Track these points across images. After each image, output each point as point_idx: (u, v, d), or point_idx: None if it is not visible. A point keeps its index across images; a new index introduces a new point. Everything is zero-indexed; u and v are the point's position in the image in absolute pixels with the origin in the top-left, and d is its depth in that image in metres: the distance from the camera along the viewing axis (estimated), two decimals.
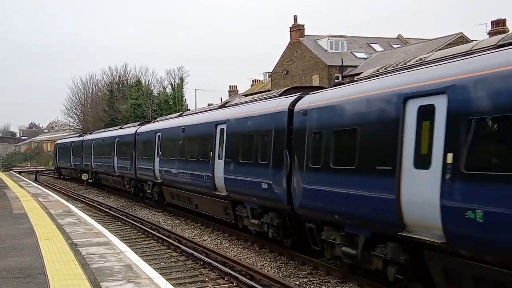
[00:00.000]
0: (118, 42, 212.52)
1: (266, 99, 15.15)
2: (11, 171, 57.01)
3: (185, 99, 61.36)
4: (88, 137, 41.51)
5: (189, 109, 50.85)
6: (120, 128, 34.31)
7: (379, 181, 9.34)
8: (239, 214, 15.86)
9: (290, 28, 46.47)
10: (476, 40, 13.64)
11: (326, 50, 44.29)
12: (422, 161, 8.42)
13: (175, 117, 24.19)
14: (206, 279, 11.96)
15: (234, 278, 11.62)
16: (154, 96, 60.67)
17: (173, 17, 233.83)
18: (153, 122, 27.85)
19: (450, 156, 7.82)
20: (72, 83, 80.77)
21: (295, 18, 46.38)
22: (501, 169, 7.12)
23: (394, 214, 8.89)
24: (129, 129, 30.13)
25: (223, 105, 19.49)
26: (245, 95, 51.35)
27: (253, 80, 65.75)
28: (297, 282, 11.41)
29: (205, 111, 20.78)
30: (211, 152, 17.25)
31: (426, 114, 8.47)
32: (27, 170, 55.47)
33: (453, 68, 8.33)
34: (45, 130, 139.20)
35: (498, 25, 35.61)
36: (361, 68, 37.39)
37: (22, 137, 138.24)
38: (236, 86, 71.50)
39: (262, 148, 13.96)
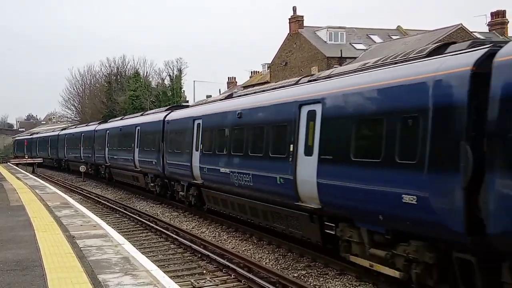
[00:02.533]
0: (117, 34, 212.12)
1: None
2: (9, 163, 56.86)
3: (184, 91, 61.26)
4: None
5: (187, 101, 50.59)
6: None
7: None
8: None
9: (289, 19, 46.19)
10: (476, 32, 13.78)
11: (325, 42, 44.05)
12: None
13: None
14: (204, 272, 11.96)
15: (232, 271, 11.62)
16: (152, 88, 60.47)
17: (173, 10, 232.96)
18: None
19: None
20: (70, 75, 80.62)
21: (294, 9, 46.11)
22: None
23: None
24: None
25: None
26: (244, 87, 51.24)
27: (252, 72, 65.60)
28: (295, 274, 11.41)
29: None
30: None
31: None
32: (25, 162, 55.33)
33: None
34: (42, 122, 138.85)
35: (497, 16, 35.47)
36: (360, 60, 37.20)
37: (19, 129, 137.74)
38: (235, 78, 71.37)
39: None
